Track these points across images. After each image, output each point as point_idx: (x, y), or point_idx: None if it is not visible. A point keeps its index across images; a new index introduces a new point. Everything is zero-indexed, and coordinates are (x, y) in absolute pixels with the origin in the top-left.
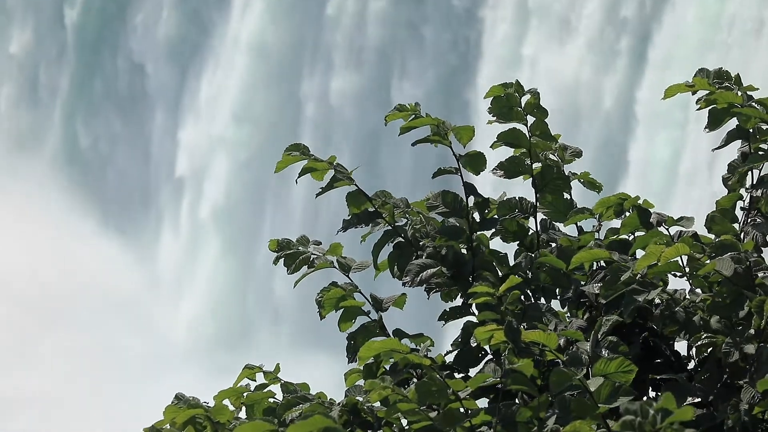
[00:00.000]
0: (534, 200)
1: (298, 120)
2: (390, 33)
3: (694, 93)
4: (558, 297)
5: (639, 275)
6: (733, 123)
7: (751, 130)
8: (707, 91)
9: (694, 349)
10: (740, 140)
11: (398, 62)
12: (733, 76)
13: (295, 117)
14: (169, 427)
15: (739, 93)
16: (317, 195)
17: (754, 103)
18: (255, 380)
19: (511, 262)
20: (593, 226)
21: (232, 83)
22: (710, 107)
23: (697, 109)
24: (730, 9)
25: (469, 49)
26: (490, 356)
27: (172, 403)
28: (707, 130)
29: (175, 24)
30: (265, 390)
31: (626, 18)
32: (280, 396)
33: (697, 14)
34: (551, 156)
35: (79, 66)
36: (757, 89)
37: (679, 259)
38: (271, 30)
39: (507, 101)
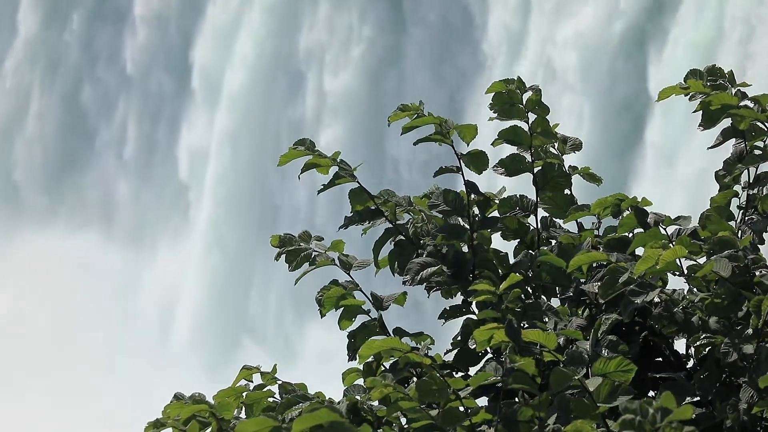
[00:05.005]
0: (534, 198)
1: None
2: None
3: (687, 94)
4: (558, 295)
5: (638, 277)
6: (728, 120)
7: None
8: (702, 93)
9: (692, 349)
10: (735, 138)
11: None
12: (726, 73)
13: None
14: (173, 421)
15: (734, 91)
16: (319, 191)
17: (748, 102)
18: (252, 381)
19: (512, 260)
20: (593, 223)
21: None
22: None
23: (693, 112)
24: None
25: None
26: (490, 355)
27: (171, 402)
28: (701, 128)
29: None
30: (264, 390)
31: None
32: (278, 396)
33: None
34: (551, 149)
35: None
36: (750, 86)
37: (677, 259)
38: None
39: (509, 98)
